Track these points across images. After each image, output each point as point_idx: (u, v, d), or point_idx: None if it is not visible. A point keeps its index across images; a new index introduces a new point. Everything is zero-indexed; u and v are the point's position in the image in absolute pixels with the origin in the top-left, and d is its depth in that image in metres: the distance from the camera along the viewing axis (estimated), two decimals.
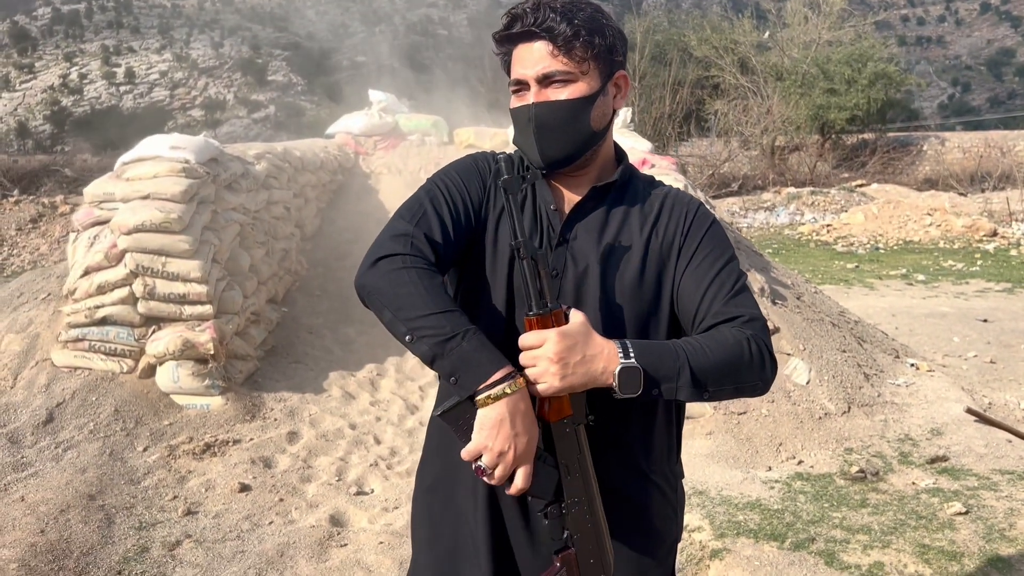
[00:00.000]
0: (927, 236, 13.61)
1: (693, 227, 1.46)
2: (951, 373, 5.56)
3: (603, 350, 1.26)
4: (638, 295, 1.42)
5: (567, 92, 1.39)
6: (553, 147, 1.41)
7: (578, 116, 1.40)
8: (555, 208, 1.45)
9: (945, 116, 32.78)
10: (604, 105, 1.43)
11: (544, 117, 1.40)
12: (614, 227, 1.45)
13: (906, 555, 3.13)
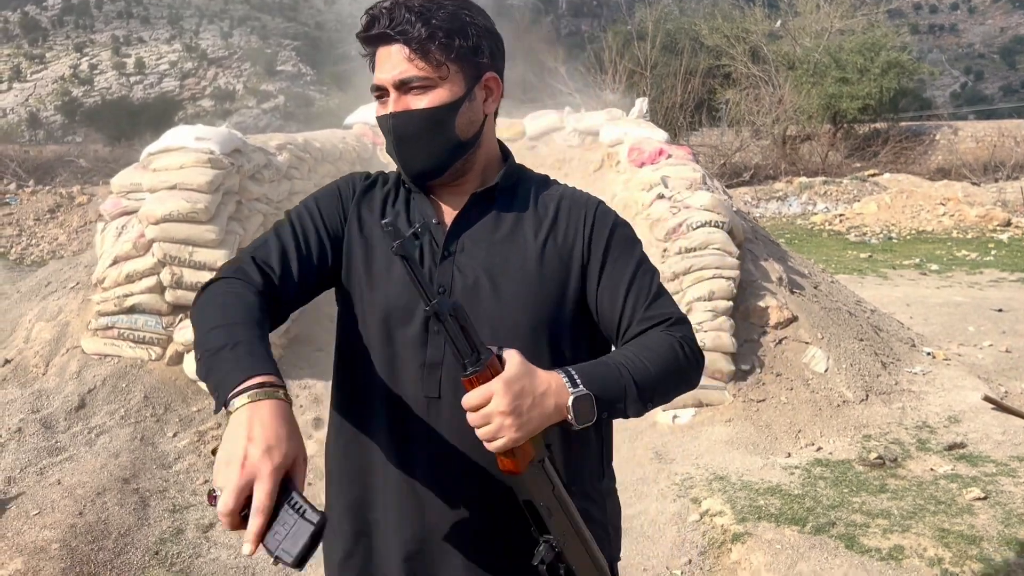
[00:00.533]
0: (940, 226, 13.60)
1: (595, 231, 1.36)
2: (966, 362, 5.60)
3: (550, 385, 1.16)
4: (536, 305, 1.32)
5: (427, 100, 1.29)
6: (416, 159, 1.32)
7: (441, 125, 1.30)
8: (437, 221, 1.36)
9: (958, 105, 32.59)
10: (471, 112, 1.32)
11: (404, 128, 1.30)
12: (504, 234, 1.35)
13: (926, 539, 3.19)
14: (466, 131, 1.32)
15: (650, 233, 5.13)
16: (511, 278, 1.32)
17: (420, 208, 1.38)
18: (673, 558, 3.30)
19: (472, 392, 1.13)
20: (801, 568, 3.06)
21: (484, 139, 1.37)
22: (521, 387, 1.14)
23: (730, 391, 4.51)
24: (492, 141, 1.40)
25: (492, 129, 1.39)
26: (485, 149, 1.38)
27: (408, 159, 1.32)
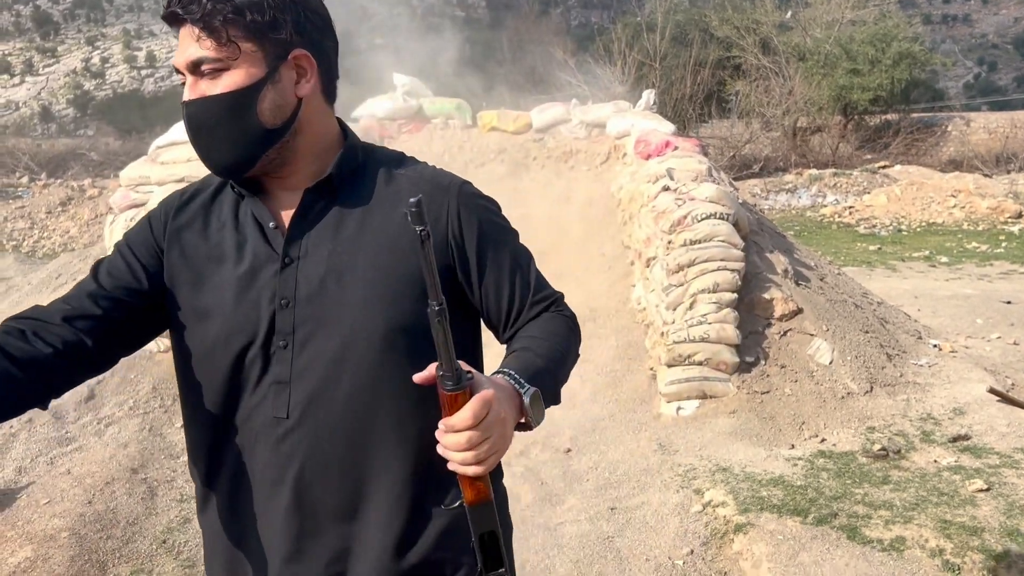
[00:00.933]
0: (951, 218, 13.53)
1: (463, 222, 1.24)
2: (974, 354, 5.59)
3: (505, 387, 1.10)
4: (391, 308, 1.18)
5: (221, 84, 1.15)
6: (216, 151, 1.18)
7: (240, 113, 1.16)
8: (275, 225, 1.22)
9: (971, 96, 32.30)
10: (277, 95, 1.18)
11: (198, 117, 1.17)
12: (350, 230, 1.22)
13: (927, 530, 3.19)
14: (272, 117, 1.18)
15: (655, 225, 5.14)
16: (361, 280, 1.19)
17: (255, 211, 1.24)
18: (675, 548, 3.32)
19: (460, 413, 1.02)
20: (803, 559, 3.07)
21: (304, 125, 1.21)
22: (503, 396, 1.06)
23: (734, 383, 4.52)
24: (321, 125, 1.24)
25: (319, 113, 1.24)
26: (310, 136, 1.23)
27: (207, 151, 1.18)
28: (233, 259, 1.23)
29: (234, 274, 1.22)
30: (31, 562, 3.06)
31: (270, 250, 1.22)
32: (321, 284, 1.19)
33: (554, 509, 3.72)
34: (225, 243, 1.24)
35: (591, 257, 6.39)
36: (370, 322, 1.18)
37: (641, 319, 5.37)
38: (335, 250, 1.21)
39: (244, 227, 1.24)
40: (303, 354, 1.19)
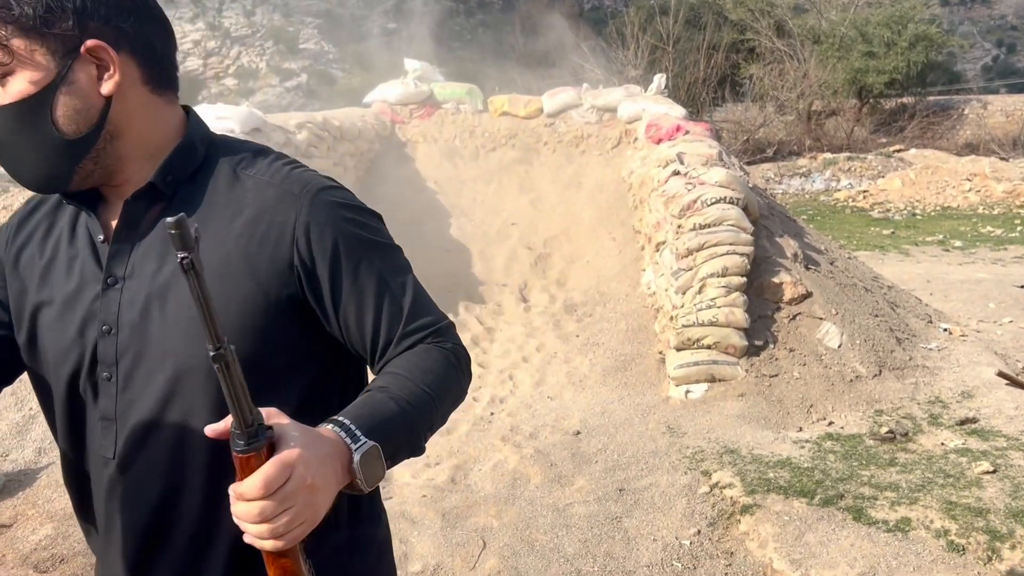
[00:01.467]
0: (966, 202, 13.44)
1: (312, 235, 1.04)
2: (985, 338, 5.59)
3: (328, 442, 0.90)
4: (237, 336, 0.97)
5: (7, 94, 0.97)
6: (24, 170, 1.02)
7: (31, 125, 0.98)
8: (104, 239, 1.07)
9: (989, 78, 31.90)
10: (74, 98, 0.99)
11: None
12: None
13: (933, 511, 3.22)
14: (74, 125, 0.99)
15: (665, 209, 5.15)
16: (186, 304, 1.00)
17: (89, 224, 1.09)
18: (682, 528, 3.36)
19: (255, 477, 0.82)
20: (808, 539, 3.11)
21: (121, 126, 1.03)
22: (312, 457, 0.86)
23: (743, 366, 4.55)
24: (147, 122, 1.05)
25: (142, 107, 1.04)
26: (134, 137, 1.04)
27: (12, 167, 1.02)
28: (63, 277, 1.08)
29: (62, 294, 1.08)
30: (52, 539, 3.14)
31: (97, 268, 1.07)
32: (145, 309, 1.03)
33: (563, 490, 3.77)
34: (59, 259, 1.10)
35: (602, 242, 6.42)
36: (198, 354, 0.98)
37: (651, 303, 5.40)
38: (161, 269, 1.04)
39: (78, 240, 1.09)
40: (128, 388, 1.04)
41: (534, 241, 6.81)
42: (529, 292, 6.50)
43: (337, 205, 1.07)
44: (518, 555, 3.21)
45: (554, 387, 4.96)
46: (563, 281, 6.45)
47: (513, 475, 3.89)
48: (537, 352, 5.48)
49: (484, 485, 3.82)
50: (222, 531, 1.04)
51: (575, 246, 6.68)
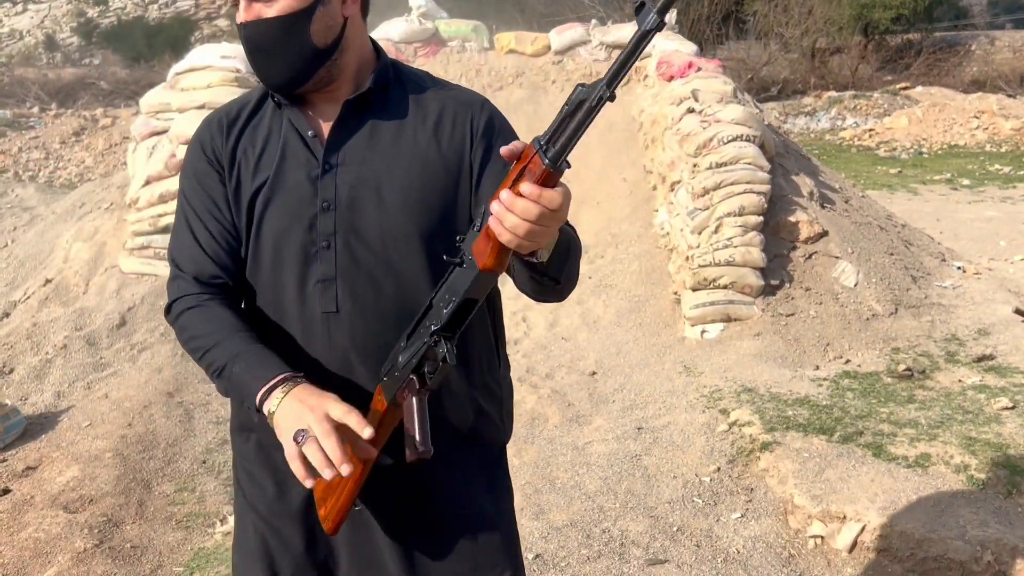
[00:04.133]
0: (973, 140, 13.30)
1: (485, 122, 1.33)
2: (997, 276, 5.57)
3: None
4: (425, 211, 1.28)
5: (276, 7, 1.22)
6: (274, 71, 1.26)
7: (295, 34, 1.23)
8: (314, 134, 1.30)
9: (995, 14, 31.26)
10: (328, 16, 1.25)
11: (256, 39, 1.25)
12: (385, 141, 1.30)
13: (952, 447, 3.24)
14: (324, 37, 1.26)
15: (680, 148, 5.08)
16: (396, 188, 1.28)
17: (294, 121, 1.31)
18: (702, 466, 3.39)
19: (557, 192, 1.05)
20: (828, 475, 3.13)
21: (349, 43, 1.29)
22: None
23: (759, 306, 4.54)
24: (361, 44, 1.32)
25: (359, 31, 1.31)
26: (353, 54, 1.30)
27: (265, 70, 1.27)
28: (276, 165, 1.30)
29: (278, 178, 1.30)
30: (79, 481, 3.16)
31: (310, 156, 1.29)
32: (359, 190, 1.27)
33: (581, 429, 3.79)
34: (268, 151, 1.32)
35: (612, 182, 6.35)
36: (409, 226, 1.27)
37: (664, 244, 5.37)
38: (371, 159, 1.29)
39: (285, 135, 1.31)
40: (346, 253, 1.28)
41: None
42: None
43: (497, 113, 1.37)
44: (540, 492, 3.24)
45: (568, 328, 4.96)
46: (573, 223, 6.38)
47: (531, 415, 3.91)
48: None
49: None
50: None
51: (585, 187, 6.60)
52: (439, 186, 1.29)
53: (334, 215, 1.27)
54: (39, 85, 15.72)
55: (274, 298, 1.32)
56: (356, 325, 1.28)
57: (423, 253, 1.28)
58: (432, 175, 1.29)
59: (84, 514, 2.97)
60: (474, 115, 1.33)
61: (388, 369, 1.25)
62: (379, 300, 1.29)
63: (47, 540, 2.82)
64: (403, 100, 1.33)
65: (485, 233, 1.09)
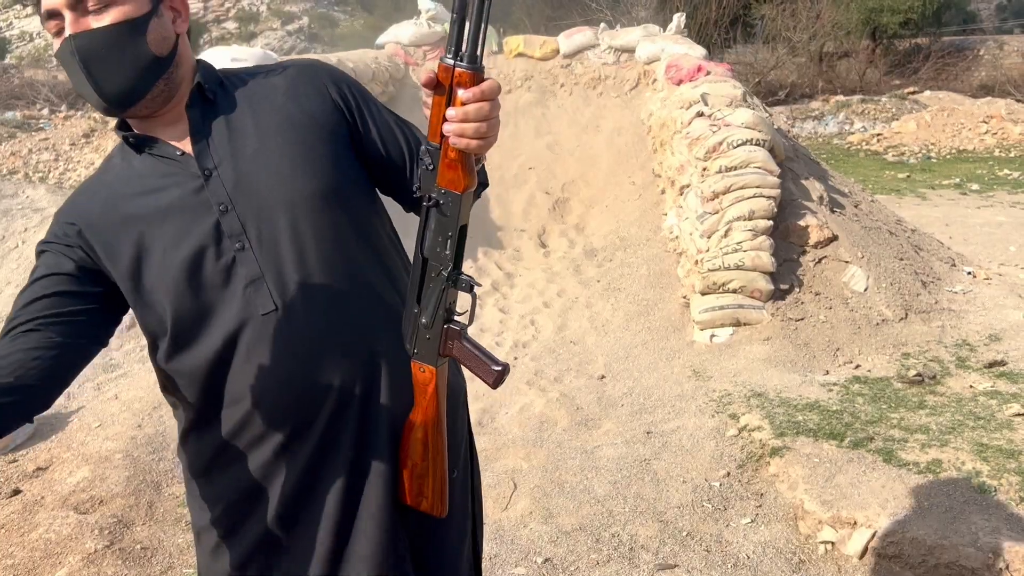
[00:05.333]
0: (982, 144, 13.25)
1: (339, 82, 1.36)
2: (1007, 281, 5.55)
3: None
4: (318, 168, 1.28)
5: (109, 16, 1.19)
6: (111, 81, 1.20)
7: (132, 41, 1.21)
8: (180, 152, 1.27)
9: (1003, 18, 31.20)
10: (162, 27, 1.24)
11: (89, 48, 1.19)
12: (247, 125, 1.29)
13: (964, 453, 3.23)
14: (161, 47, 1.24)
15: (689, 152, 5.08)
16: (280, 159, 1.27)
17: (156, 150, 1.28)
18: (712, 471, 3.38)
19: (489, 83, 1.11)
20: (839, 480, 3.12)
21: (181, 58, 1.28)
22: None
23: (768, 310, 4.52)
24: (190, 60, 1.31)
25: (188, 49, 1.31)
26: (185, 69, 1.29)
27: (102, 80, 1.20)
28: (153, 197, 1.26)
29: (160, 203, 1.26)
30: (89, 481, 3.17)
31: (184, 173, 1.26)
32: (247, 178, 1.26)
33: (590, 433, 3.79)
34: (138, 196, 1.27)
35: (621, 186, 6.35)
36: (305, 190, 1.27)
37: (673, 247, 5.36)
38: (242, 147, 1.28)
39: (152, 171, 1.28)
40: (261, 246, 1.25)
41: (552, 186, 6.73)
42: (548, 237, 6.45)
43: (329, 65, 1.40)
44: (549, 496, 3.24)
45: (576, 332, 4.96)
46: (582, 226, 6.40)
47: (540, 419, 3.91)
48: (558, 297, 5.47)
49: (511, 428, 3.84)
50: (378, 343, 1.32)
51: (593, 190, 6.60)
52: (319, 138, 1.30)
53: (236, 213, 1.25)
54: (49, 87, 15.76)
55: (194, 324, 1.26)
56: (300, 312, 1.26)
57: (332, 208, 1.28)
58: (307, 131, 1.30)
59: (94, 515, 2.97)
60: (316, 70, 1.36)
61: (414, 338, 1.27)
62: (310, 277, 1.27)
63: (57, 541, 2.83)
64: (242, 87, 1.33)
65: (447, 160, 1.15)
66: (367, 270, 1.33)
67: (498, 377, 1.25)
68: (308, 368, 1.27)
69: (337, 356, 1.28)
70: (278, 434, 1.29)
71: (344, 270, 1.29)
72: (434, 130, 1.15)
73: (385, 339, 1.32)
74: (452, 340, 1.26)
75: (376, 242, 1.36)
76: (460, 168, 1.15)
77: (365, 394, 1.31)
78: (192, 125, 1.28)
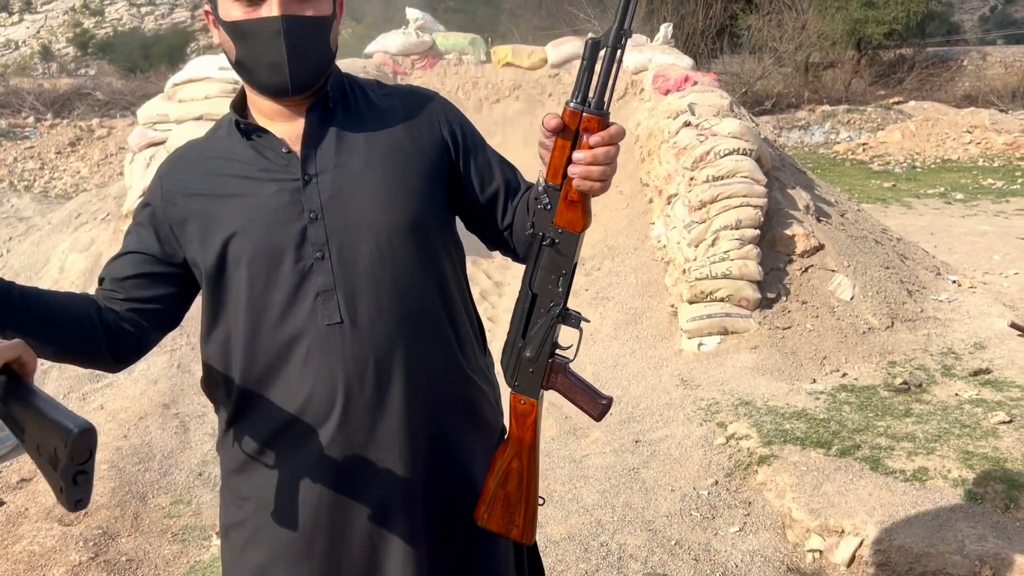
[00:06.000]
0: (966, 154, 13.38)
1: (450, 118, 1.40)
2: (992, 290, 5.60)
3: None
4: (410, 198, 1.31)
5: (313, 8, 1.25)
6: (302, 67, 1.25)
7: (323, 36, 1.28)
8: (287, 150, 1.30)
9: (987, 29, 31.57)
10: (336, 27, 1.32)
11: (297, 32, 1.23)
12: (357, 142, 1.32)
13: (950, 461, 3.25)
14: (334, 46, 1.32)
15: (676, 161, 5.10)
16: (378, 183, 1.30)
17: (264, 143, 1.31)
18: (700, 479, 3.39)
19: (615, 127, 1.15)
20: (826, 489, 3.13)
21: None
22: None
23: (756, 319, 4.54)
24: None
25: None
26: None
27: (296, 64, 1.24)
28: (249, 189, 1.30)
29: (255, 200, 1.29)
30: None
31: (286, 173, 1.29)
32: (343, 194, 1.28)
33: (579, 442, 3.79)
34: (237, 179, 1.31)
35: (608, 195, 6.36)
36: (394, 218, 1.29)
37: (661, 256, 5.38)
38: (346, 162, 1.30)
39: (251, 161, 1.31)
40: (341, 260, 1.28)
41: None
42: None
43: (448, 101, 1.43)
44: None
45: (564, 341, 4.95)
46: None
47: None
48: None
49: None
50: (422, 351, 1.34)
51: None
52: (420, 172, 1.33)
53: (323, 224, 1.27)
54: (35, 95, 15.69)
55: (260, 323, 1.29)
56: (364, 330, 1.28)
57: (415, 241, 1.31)
58: (411, 163, 1.33)
59: (79, 527, 2.95)
60: (434, 105, 1.39)
61: (516, 371, 1.31)
62: (380, 299, 1.29)
63: (42, 553, 2.80)
64: (362, 103, 1.37)
65: (567, 200, 1.18)
66: (433, 302, 1.35)
67: (603, 410, 1.30)
68: (360, 384, 1.29)
69: (391, 377, 1.31)
70: (319, 441, 1.30)
71: (412, 298, 1.32)
72: (555, 171, 1.18)
73: (438, 368, 1.36)
74: (556, 374, 1.30)
75: (446, 278, 1.37)
76: (580, 209, 1.19)
77: (411, 416, 1.33)
78: (308, 128, 1.31)
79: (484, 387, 1.46)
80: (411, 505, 1.35)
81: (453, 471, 1.40)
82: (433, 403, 1.36)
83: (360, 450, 1.32)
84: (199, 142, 1.38)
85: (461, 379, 1.41)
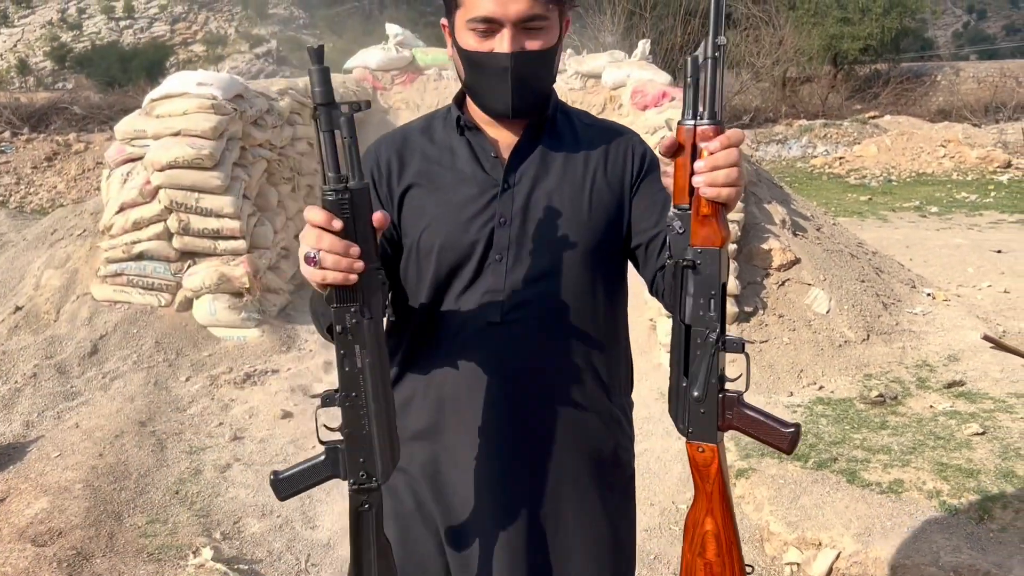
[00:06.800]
0: (940, 168, 13.57)
1: (639, 153, 1.45)
2: (966, 303, 5.67)
3: None
4: (592, 227, 1.39)
5: (540, 41, 1.30)
6: (524, 98, 1.33)
7: (548, 67, 1.34)
8: (495, 155, 1.39)
9: (960, 45, 32.11)
10: (559, 59, 1.40)
11: (523, 71, 1.30)
12: (558, 164, 1.40)
13: (925, 473, 3.28)
14: (555, 72, 1.38)
15: None
16: (567, 206, 1.38)
17: (478, 142, 1.41)
18: (679, 493, 3.40)
19: (735, 132, 1.14)
20: (804, 502, 3.15)
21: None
22: None
23: (733, 333, 4.57)
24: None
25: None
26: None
27: (519, 95, 1.31)
28: (454, 183, 1.39)
29: (456, 195, 1.38)
30: (48, 513, 3.10)
31: (489, 175, 1.38)
32: (534, 207, 1.37)
33: None
34: (445, 170, 1.41)
35: None
36: (574, 242, 1.37)
37: None
38: (544, 180, 1.39)
39: (462, 155, 1.41)
40: (516, 267, 1.36)
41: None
42: None
43: (646, 144, 1.49)
44: None
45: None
46: None
47: None
48: None
49: None
50: (572, 372, 1.41)
51: None
52: (605, 205, 1.40)
53: (510, 230, 1.35)
54: (11, 109, 15.52)
55: (433, 308, 1.39)
56: (519, 336, 1.36)
57: (586, 267, 1.38)
58: (599, 195, 1.40)
59: (53, 547, 2.91)
60: (633, 145, 1.46)
61: (687, 416, 1.27)
62: (543, 312, 1.37)
63: (14, 575, 2.76)
64: (568, 130, 1.44)
65: (700, 217, 1.15)
66: (590, 326, 1.41)
67: (793, 440, 1.21)
68: (504, 388, 1.37)
69: (533, 386, 1.38)
70: (461, 427, 1.39)
71: (571, 318, 1.38)
72: (681, 191, 1.17)
73: (583, 391, 1.42)
74: (731, 409, 1.23)
75: (607, 306, 1.43)
76: (715, 222, 1.15)
77: (548, 434, 1.40)
78: (521, 141, 1.40)
79: (625, 425, 1.53)
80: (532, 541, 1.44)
81: (581, 516, 1.47)
82: (575, 426, 1.41)
83: (494, 447, 1.39)
84: (416, 126, 1.47)
85: (600, 418, 1.46)
